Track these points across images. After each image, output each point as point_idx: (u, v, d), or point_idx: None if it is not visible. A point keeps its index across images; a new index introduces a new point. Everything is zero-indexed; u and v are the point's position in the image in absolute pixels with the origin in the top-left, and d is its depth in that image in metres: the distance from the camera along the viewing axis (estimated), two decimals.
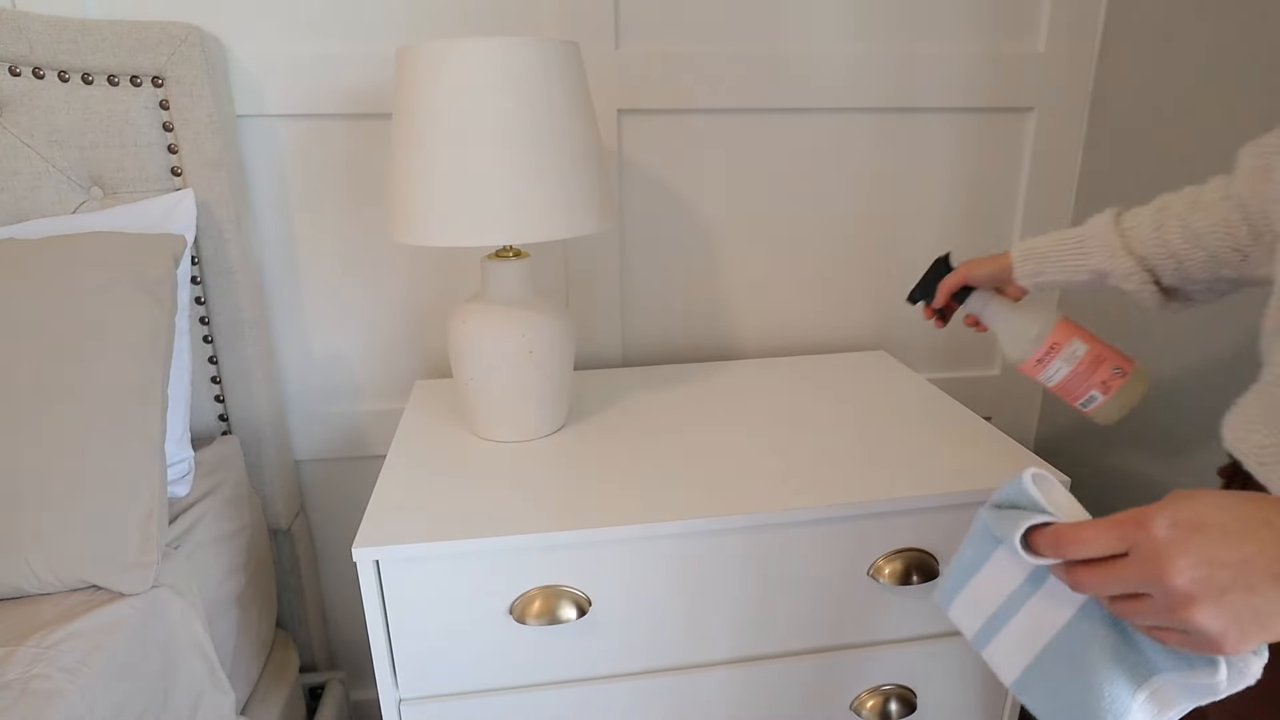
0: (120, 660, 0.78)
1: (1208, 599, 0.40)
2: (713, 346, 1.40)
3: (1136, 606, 0.44)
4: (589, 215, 0.93)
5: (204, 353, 1.16)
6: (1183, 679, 0.46)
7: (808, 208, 1.34)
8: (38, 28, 1.00)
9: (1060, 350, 0.87)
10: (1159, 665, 0.47)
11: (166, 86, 1.05)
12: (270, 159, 1.19)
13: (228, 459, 1.14)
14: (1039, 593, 0.52)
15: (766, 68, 1.23)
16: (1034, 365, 0.89)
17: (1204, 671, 0.45)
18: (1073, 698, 0.49)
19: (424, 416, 1.13)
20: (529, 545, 0.83)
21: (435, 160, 0.87)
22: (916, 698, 0.98)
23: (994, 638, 0.54)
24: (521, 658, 0.88)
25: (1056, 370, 0.88)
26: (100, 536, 0.84)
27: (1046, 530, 0.47)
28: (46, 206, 1.05)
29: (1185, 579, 0.40)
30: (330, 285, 1.27)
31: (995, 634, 0.54)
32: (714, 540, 0.87)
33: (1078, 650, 0.50)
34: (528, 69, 0.86)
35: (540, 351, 0.99)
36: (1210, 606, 0.40)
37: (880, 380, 1.24)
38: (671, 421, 1.09)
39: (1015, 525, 0.49)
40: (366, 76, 1.16)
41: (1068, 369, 0.87)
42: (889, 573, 0.91)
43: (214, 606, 0.99)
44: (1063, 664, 0.50)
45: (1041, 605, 0.51)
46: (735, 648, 0.93)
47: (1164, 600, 0.42)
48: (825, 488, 0.90)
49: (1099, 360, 0.86)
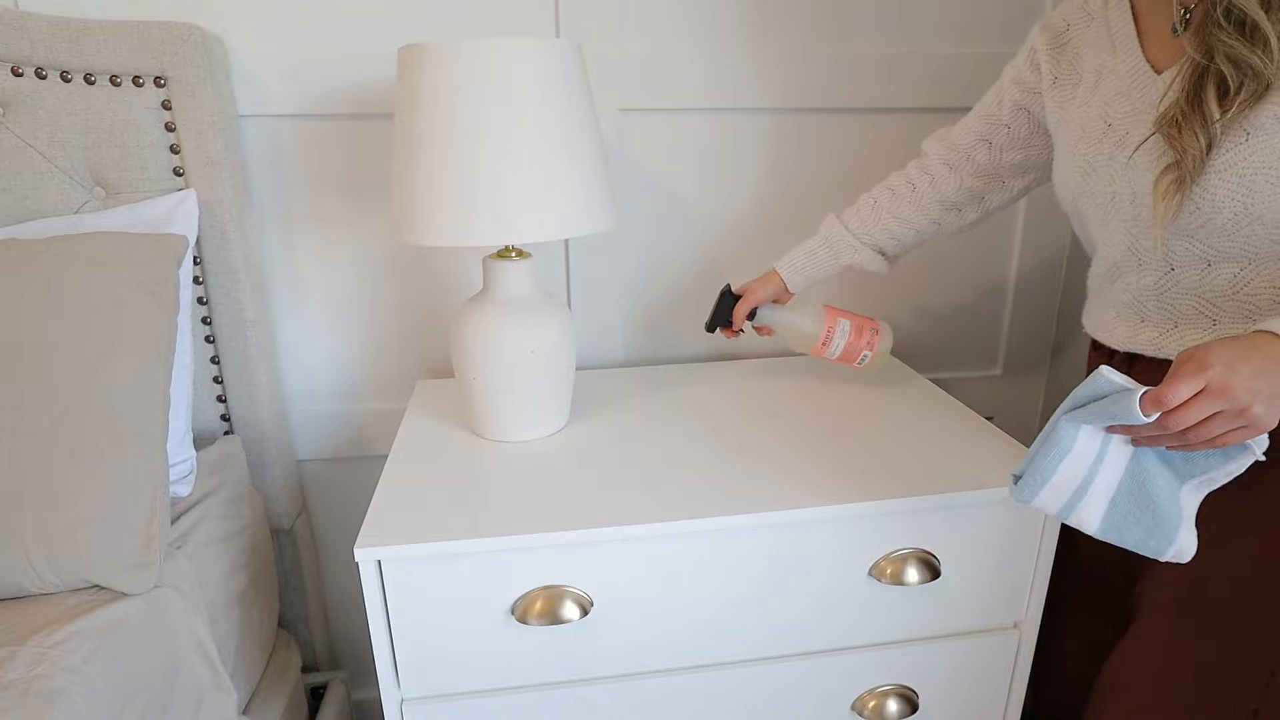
0: (122, 660, 0.79)
1: (1259, 399, 0.63)
2: (714, 347, 1.40)
3: (1210, 425, 0.64)
4: (591, 215, 0.93)
5: (206, 353, 1.16)
6: (1222, 467, 0.69)
7: (809, 207, 1.33)
8: (40, 28, 1.00)
9: (835, 331, 1.13)
10: (1200, 467, 0.70)
11: (169, 87, 1.05)
12: (272, 159, 1.19)
13: (230, 459, 1.14)
14: (1106, 458, 0.70)
15: (768, 68, 1.23)
16: (820, 349, 1.14)
17: (1240, 457, 0.67)
18: (1144, 515, 0.70)
19: (426, 416, 1.13)
20: (531, 545, 0.83)
21: (437, 160, 0.87)
22: (918, 698, 0.98)
23: (1079, 504, 0.71)
24: (523, 658, 0.88)
25: (836, 346, 1.13)
26: (102, 536, 0.84)
27: (1147, 394, 0.65)
28: (49, 207, 1.05)
29: (1244, 390, 0.63)
30: (332, 285, 1.27)
31: (1080, 501, 0.71)
32: (715, 540, 0.87)
33: (1139, 483, 0.70)
34: (530, 69, 0.86)
35: (542, 351, 0.99)
36: (1262, 402, 0.63)
37: (881, 380, 1.24)
38: (673, 422, 1.09)
39: (1118, 402, 0.66)
40: (368, 77, 1.16)
41: (843, 343, 1.13)
42: (890, 573, 0.90)
43: (216, 606, 1.00)
44: (1131, 498, 0.71)
45: (1109, 467, 0.70)
46: (737, 648, 0.93)
47: (1233, 409, 0.63)
48: (827, 488, 0.90)
49: (860, 328, 1.14)
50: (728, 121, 1.26)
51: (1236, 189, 0.72)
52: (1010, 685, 1.02)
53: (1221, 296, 0.78)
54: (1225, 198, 0.72)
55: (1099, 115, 0.84)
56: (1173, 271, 0.80)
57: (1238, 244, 0.75)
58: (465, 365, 1.00)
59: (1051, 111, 0.93)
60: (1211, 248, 0.77)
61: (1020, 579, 0.96)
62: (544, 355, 0.99)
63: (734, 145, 1.28)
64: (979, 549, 0.93)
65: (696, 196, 1.30)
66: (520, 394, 1.00)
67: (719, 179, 1.30)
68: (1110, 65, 0.84)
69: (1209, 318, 0.79)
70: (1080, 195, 0.87)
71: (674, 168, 1.28)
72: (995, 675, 1.00)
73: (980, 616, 0.97)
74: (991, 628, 0.98)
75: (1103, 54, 0.86)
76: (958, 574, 0.94)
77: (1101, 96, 0.85)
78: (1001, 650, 0.99)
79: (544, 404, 1.03)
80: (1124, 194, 0.81)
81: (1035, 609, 0.98)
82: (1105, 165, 0.83)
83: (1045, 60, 0.92)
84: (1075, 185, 0.88)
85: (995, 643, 0.99)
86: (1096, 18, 0.88)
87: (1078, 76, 0.89)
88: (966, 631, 0.98)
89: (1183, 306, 0.81)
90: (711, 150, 1.28)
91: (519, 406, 1.01)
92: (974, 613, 0.97)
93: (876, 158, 1.32)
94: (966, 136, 1.04)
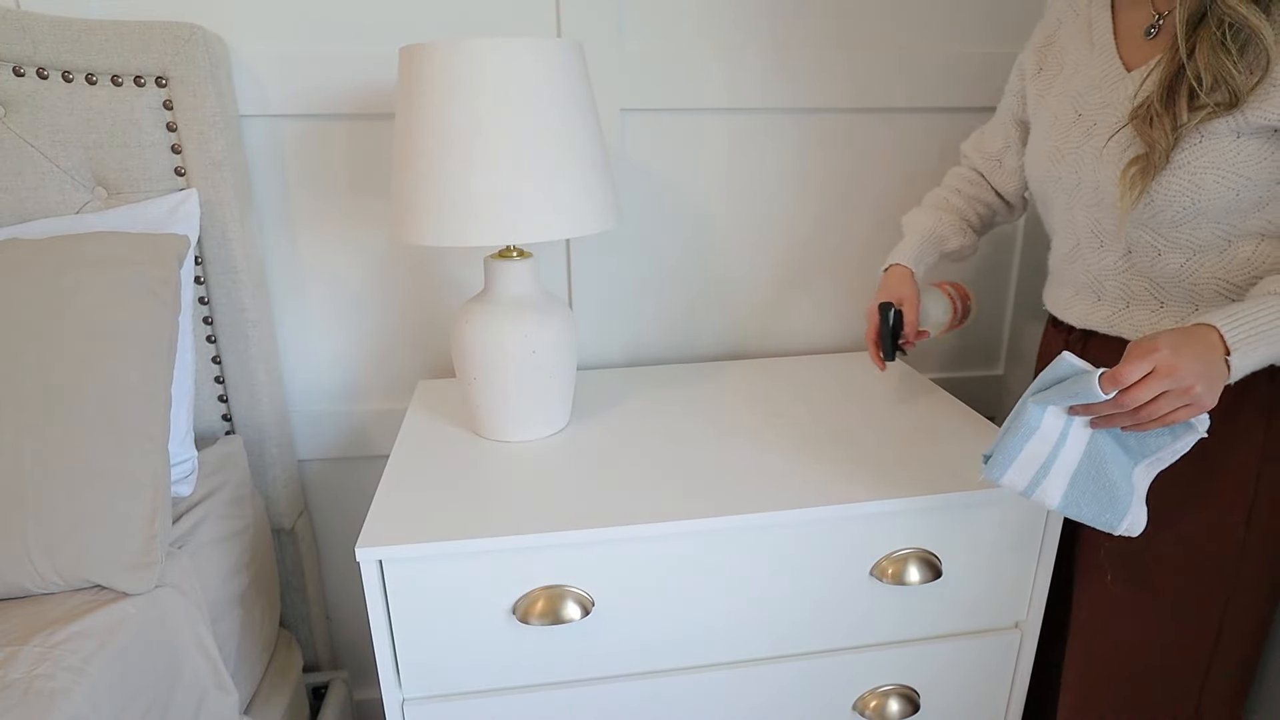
0: (124, 660, 0.79)
1: (1200, 380, 0.71)
2: (715, 347, 1.40)
3: (1159, 403, 0.72)
4: (592, 215, 0.93)
5: (207, 352, 1.16)
6: (1170, 446, 0.76)
7: (811, 207, 1.34)
8: (41, 28, 1.00)
9: (958, 304, 1.14)
10: (1150, 447, 0.78)
11: (170, 86, 1.05)
12: (273, 159, 1.19)
13: (231, 459, 1.14)
14: (1068, 440, 0.77)
15: (771, 67, 1.23)
16: (952, 325, 1.14)
17: (1185, 435, 0.75)
18: (1099, 492, 0.77)
19: (427, 416, 1.13)
20: (532, 545, 0.83)
21: (439, 160, 0.87)
22: (920, 698, 0.98)
23: (1042, 482, 0.77)
24: (524, 658, 0.88)
25: (958, 316, 1.14)
26: (104, 536, 0.84)
27: (1105, 374, 0.72)
28: (50, 206, 1.05)
29: (1187, 371, 0.71)
30: (333, 285, 1.27)
31: (1044, 479, 0.77)
32: (717, 540, 0.87)
33: (1097, 463, 0.77)
34: (531, 69, 0.86)
35: (543, 351, 0.99)
36: (1203, 383, 0.71)
37: (883, 380, 1.24)
38: (674, 422, 1.09)
39: (1079, 383, 0.73)
40: (370, 76, 1.16)
41: (961, 309, 1.14)
42: (892, 573, 0.90)
43: (217, 606, 1.00)
44: (1089, 477, 0.77)
45: (1070, 448, 0.77)
46: (739, 648, 0.93)
47: (1178, 388, 0.71)
48: (828, 488, 0.90)
49: (959, 294, 1.15)
50: (728, 121, 1.26)
51: (1187, 186, 0.79)
52: (1011, 685, 1.02)
53: (1170, 282, 0.86)
54: (1176, 193, 0.80)
55: (1071, 105, 0.91)
56: (1129, 254, 0.88)
57: (1184, 235, 0.83)
58: (466, 365, 1.00)
59: (1032, 99, 1.00)
60: (1162, 237, 0.84)
61: (1021, 579, 0.96)
62: (545, 355, 0.99)
63: (734, 145, 1.28)
64: (980, 549, 0.93)
65: (697, 196, 1.30)
66: (521, 394, 1.00)
67: (719, 179, 1.30)
68: (1086, 60, 0.91)
69: (1157, 300, 0.88)
70: (1048, 180, 0.94)
71: (674, 168, 1.28)
72: (996, 675, 1.00)
73: (981, 616, 0.97)
74: (992, 628, 0.98)
75: (1081, 49, 0.92)
76: (959, 574, 0.94)
77: (1075, 88, 0.91)
78: (1003, 650, 0.99)
79: (545, 404, 1.03)
80: (1088, 181, 0.88)
81: (1036, 609, 0.98)
82: (1073, 153, 0.90)
83: (1035, 55, 1.00)
84: (1045, 171, 0.94)
85: (996, 643, 0.98)
86: (1081, 14, 0.93)
87: (1058, 68, 0.96)
88: (968, 631, 0.98)
89: (1135, 288, 0.89)
90: (712, 150, 1.28)
91: (520, 406, 1.01)
92: (975, 613, 0.97)
93: (877, 157, 1.32)
94: (995, 142, 1.10)
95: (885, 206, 1.35)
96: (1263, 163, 0.77)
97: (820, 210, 1.34)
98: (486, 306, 0.99)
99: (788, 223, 1.34)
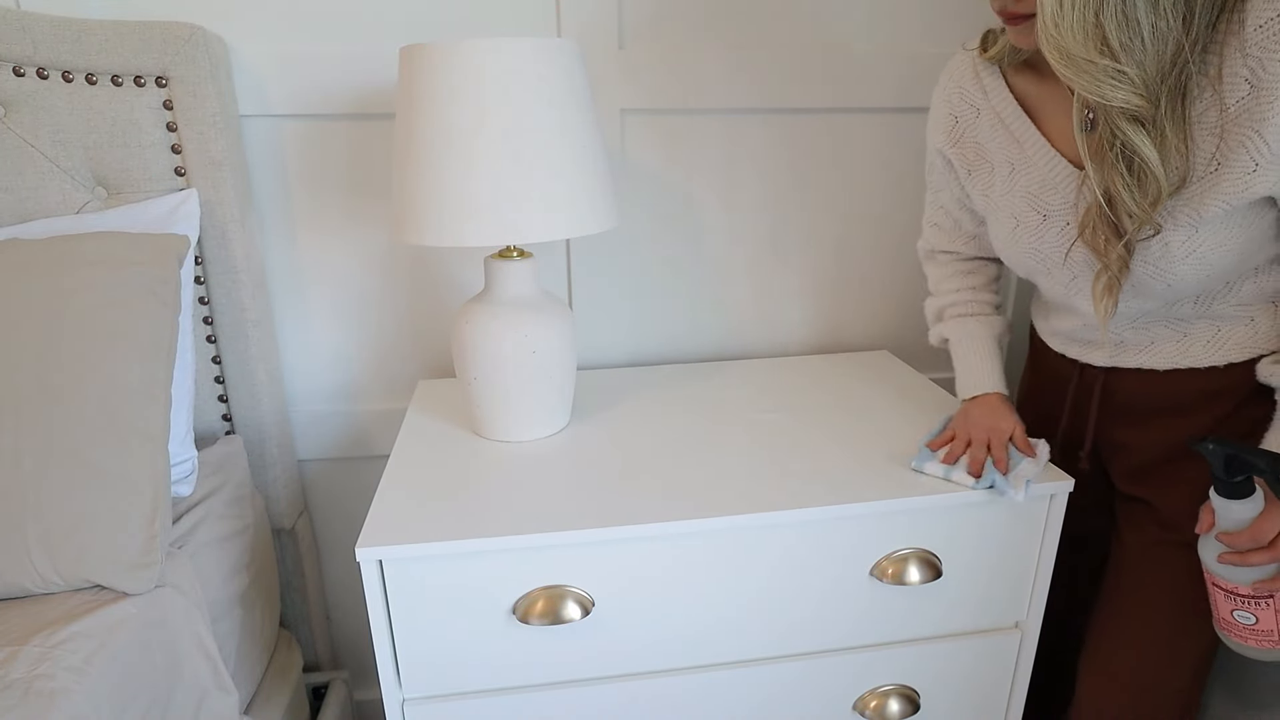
0: (124, 660, 0.79)
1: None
2: (715, 346, 1.40)
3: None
4: (592, 215, 0.93)
5: (207, 352, 1.16)
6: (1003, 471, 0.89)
7: (811, 208, 1.34)
8: (41, 28, 1.00)
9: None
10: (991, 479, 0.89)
11: (170, 87, 1.05)
12: (274, 159, 1.19)
13: (231, 459, 1.14)
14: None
15: (771, 68, 1.23)
16: None
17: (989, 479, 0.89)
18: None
19: (427, 416, 1.13)
20: (532, 545, 0.83)
21: (439, 160, 0.87)
22: (920, 698, 0.98)
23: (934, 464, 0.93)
24: (525, 658, 0.88)
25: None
26: (104, 536, 0.84)
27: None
28: (51, 207, 1.05)
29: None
30: (333, 285, 1.27)
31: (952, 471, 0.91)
32: (717, 540, 0.87)
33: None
34: (531, 69, 0.86)
35: (543, 351, 0.99)
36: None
37: (884, 381, 1.24)
38: (674, 421, 1.09)
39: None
40: (370, 76, 1.16)
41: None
42: (892, 573, 0.90)
43: (217, 606, 1.00)
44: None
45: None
46: (739, 648, 0.93)
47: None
48: (828, 488, 0.90)
49: None
50: (728, 121, 1.26)
51: (1156, 277, 0.79)
52: (1012, 685, 1.02)
53: (1189, 318, 0.86)
54: (1150, 285, 0.80)
55: (1030, 207, 0.87)
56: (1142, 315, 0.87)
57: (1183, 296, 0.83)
58: (467, 365, 1.00)
59: (977, 198, 0.95)
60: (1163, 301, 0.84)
61: (1022, 579, 0.96)
62: (545, 355, 0.99)
63: (734, 145, 1.28)
64: (980, 549, 0.93)
65: (697, 196, 1.30)
66: (522, 394, 1.00)
67: (719, 179, 1.30)
68: (1021, 157, 0.86)
69: (1180, 332, 0.87)
70: (1036, 273, 0.92)
71: (674, 168, 1.28)
72: (997, 675, 1.00)
73: (981, 616, 0.97)
74: (993, 628, 0.98)
75: (1005, 145, 0.88)
76: (959, 574, 0.94)
77: (1024, 188, 0.87)
78: (1003, 650, 0.99)
79: (545, 404, 1.03)
80: (1083, 271, 0.86)
81: (1037, 609, 0.98)
82: (1054, 249, 0.87)
83: (953, 156, 0.95)
84: (1028, 267, 0.91)
85: (997, 643, 0.98)
86: (983, 109, 0.89)
87: (989, 165, 0.91)
88: (968, 631, 0.98)
89: (1156, 332, 0.88)
90: (712, 150, 1.28)
91: (520, 406, 1.01)
92: (975, 613, 0.97)
93: (877, 157, 1.32)
94: (964, 226, 1.02)
95: (886, 207, 1.35)
96: (1224, 246, 0.75)
97: (820, 211, 1.34)
98: (486, 306, 0.99)
99: (788, 223, 1.34)
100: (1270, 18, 0.64)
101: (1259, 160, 0.68)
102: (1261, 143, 0.67)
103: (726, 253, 1.34)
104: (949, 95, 0.93)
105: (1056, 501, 0.93)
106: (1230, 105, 0.68)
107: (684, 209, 1.31)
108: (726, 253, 1.34)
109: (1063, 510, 0.93)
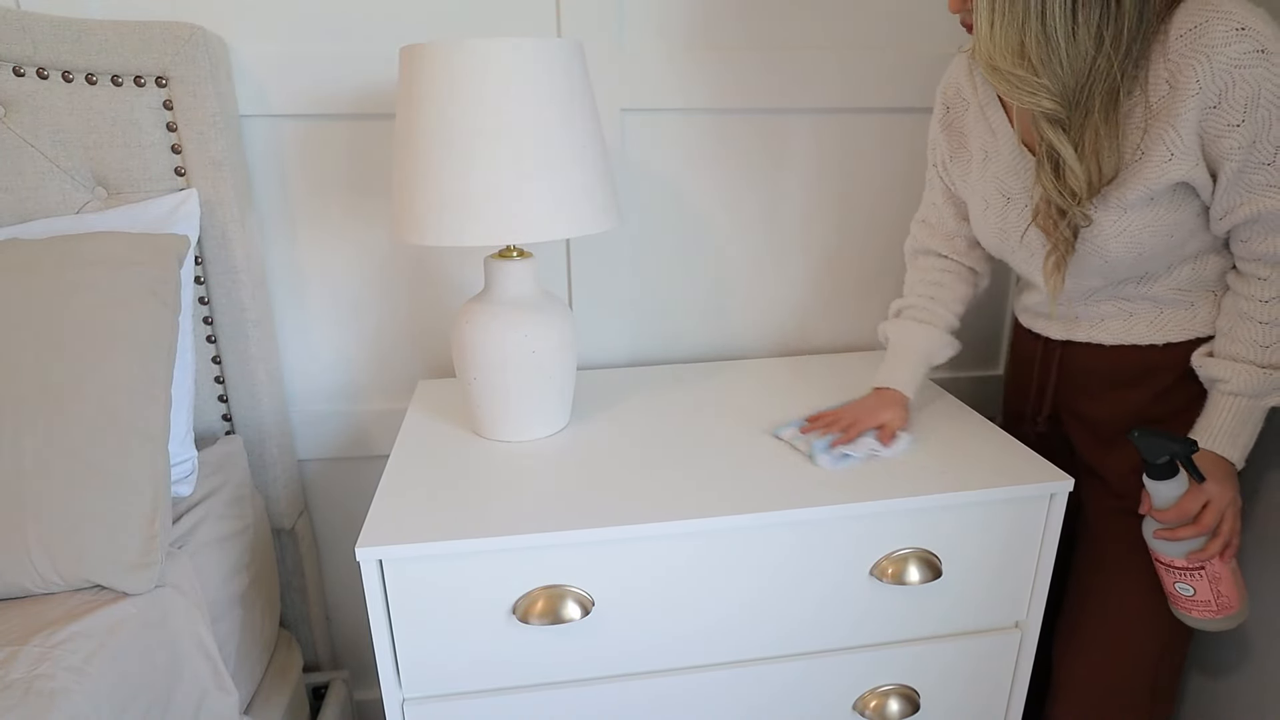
0: (124, 660, 0.79)
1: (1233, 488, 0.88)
2: (715, 346, 1.40)
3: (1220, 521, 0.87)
4: (592, 215, 0.93)
5: (207, 352, 1.16)
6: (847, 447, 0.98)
7: (811, 208, 1.34)
8: (41, 28, 1.00)
9: None
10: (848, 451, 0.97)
11: (170, 87, 1.05)
12: (273, 159, 1.19)
13: (231, 459, 1.14)
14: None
15: (771, 68, 1.23)
16: None
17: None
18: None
19: (427, 416, 1.13)
20: (532, 545, 0.83)
21: (438, 160, 0.87)
22: (920, 697, 0.98)
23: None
24: (525, 658, 0.88)
25: None
26: (104, 536, 0.84)
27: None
28: (51, 206, 1.05)
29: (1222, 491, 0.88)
30: (333, 285, 1.27)
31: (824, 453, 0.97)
32: (717, 540, 0.87)
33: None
34: (531, 68, 0.86)
35: (543, 351, 0.99)
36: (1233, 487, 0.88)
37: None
38: (674, 421, 1.09)
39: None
40: (370, 76, 1.16)
41: None
42: (892, 573, 0.90)
43: (217, 606, 1.00)
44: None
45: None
46: (739, 648, 0.93)
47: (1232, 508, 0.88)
48: (828, 488, 0.90)
49: None
50: (729, 121, 1.26)
51: (1094, 254, 0.88)
52: (1012, 685, 1.02)
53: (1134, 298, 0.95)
54: (1089, 262, 0.89)
55: (996, 190, 0.96)
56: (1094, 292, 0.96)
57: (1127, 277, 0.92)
58: (467, 365, 1.00)
59: (957, 180, 1.05)
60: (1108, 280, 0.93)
61: (1021, 579, 0.96)
62: (545, 355, 0.99)
63: (734, 145, 1.28)
64: (980, 549, 0.93)
65: (697, 196, 1.30)
66: (521, 394, 1.00)
67: (720, 179, 1.30)
68: (993, 146, 0.96)
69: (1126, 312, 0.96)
70: (1004, 252, 1.01)
71: (674, 168, 1.28)
72: (997, 675, 1.00)
73: (981, 616, 0.97)
74: (993, 627, 0.98)
75: (983, 135, 0.97)
76: (959, 574, 0.94)
77: (993, 173, 0.96)
78: (1003, 650, 0.99)
79: (545, 404, 1.03)
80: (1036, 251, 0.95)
81: (1036, 609, 0.98)
82: (1014, 230, 0.96)
83: (943, 141, 1.05)
84: (996, 246, 1.01)
85: (996, 642, 0.98)
86: (972, 102, 0.98)
87: (968, 154, 1.01)
88: (968, 631, 0.98)
89: (1106, 309, 0.97)
90: (712, 150, 1.28)
91: (520, 406, 1.01)
92: (975, 612, 0.97)
93: (877, 157, 1.32)
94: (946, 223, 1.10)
95: (885, 207, 1.35)
96: (1150, 227, 0.84)
97: (820, 210, 1.34)
98: (486, 306, 0.99)
99: (788, 222, 1.34)
100: (1189, 28, 0.75)
101: (1174, 150, 0.79)
102: (1176, 135, 0.78)
103: (726, 253, 1.34)
104: (945, 88, 1.04)
105: (1056, 501, 0.93)
106: (1153, 103, 0.79)
107: (684, 209, 1.31)
108: (726, 253, 1.34)
109: (1063, 510, 0.93)
